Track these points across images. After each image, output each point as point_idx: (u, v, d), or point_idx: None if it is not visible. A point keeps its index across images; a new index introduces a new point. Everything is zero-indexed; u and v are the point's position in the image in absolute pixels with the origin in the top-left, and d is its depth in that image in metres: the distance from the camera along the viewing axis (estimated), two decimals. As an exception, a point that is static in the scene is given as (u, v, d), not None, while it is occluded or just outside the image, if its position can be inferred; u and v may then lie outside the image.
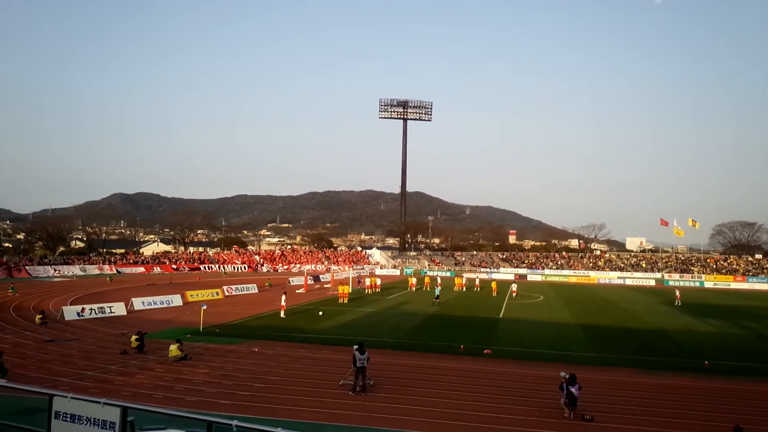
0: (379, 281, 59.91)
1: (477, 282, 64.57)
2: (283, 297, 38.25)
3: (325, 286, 63.29)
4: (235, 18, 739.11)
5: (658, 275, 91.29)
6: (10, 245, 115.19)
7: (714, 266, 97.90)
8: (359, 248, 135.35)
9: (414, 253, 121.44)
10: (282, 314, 36.31)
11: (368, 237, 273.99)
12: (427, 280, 64.20)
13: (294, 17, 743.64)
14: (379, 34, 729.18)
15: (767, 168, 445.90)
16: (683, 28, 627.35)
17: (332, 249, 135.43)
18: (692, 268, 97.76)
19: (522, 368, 22.53)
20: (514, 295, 54.50)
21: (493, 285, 58.88)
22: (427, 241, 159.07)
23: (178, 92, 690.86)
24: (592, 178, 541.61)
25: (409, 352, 25.53)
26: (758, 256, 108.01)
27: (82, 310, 34.17)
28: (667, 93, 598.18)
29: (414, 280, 64.76)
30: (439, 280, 60.27)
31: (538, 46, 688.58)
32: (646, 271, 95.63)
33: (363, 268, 78.43)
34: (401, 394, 17.73)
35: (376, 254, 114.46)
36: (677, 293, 53.51)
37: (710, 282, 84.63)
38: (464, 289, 61.30)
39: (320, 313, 38.08)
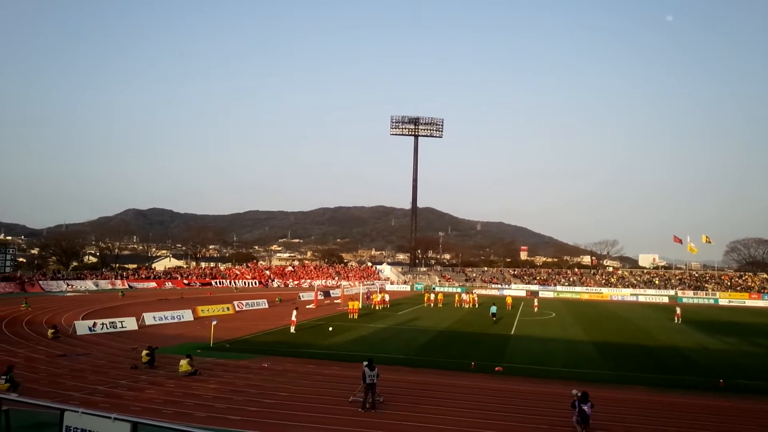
0: (387, 297, 59.81)
1: (475, 298, 63.42)
2: (294, 312, 38.29)
3: (335, 301, 63.20)
4: (249, 37, 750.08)
5: (672, 292, 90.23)
6: (24, 260, 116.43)
7: (728, 283, 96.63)
8: (370, 264, 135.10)
9: (424, 269, 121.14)
10: (292, 329, 36.31)
11: (379, 252, 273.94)
12: (440, 296, 64.23)
13: (305, 35, 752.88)
14: (392, 51, 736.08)
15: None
16: (696, 43, 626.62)
17: (343, 264, 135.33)
18: (706, 285, 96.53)
19: (534, 386, 22.30)
20: (536, 309, 56.34)
21: (508, 300, 60.48)
22: (438, 256, 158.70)
23: (193, 109, 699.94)
24: (604, 195, 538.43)
25: (420, 369, 25.40)
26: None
27: (94, 324, 34.32)
28: (680, 109, 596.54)
29: (431, 296, 63.73)
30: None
31: (550, 63, 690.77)
32: (659, 288, 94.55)
33: (373, 284, 78.28)
34: (411, 412, 17.60)
35: (386, 270, 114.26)
36: (677, 310, 51.97)
37: (725, 299, 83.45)
38: (477, 305, 60.48)
39: (330, 328, 38.02)
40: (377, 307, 55.08)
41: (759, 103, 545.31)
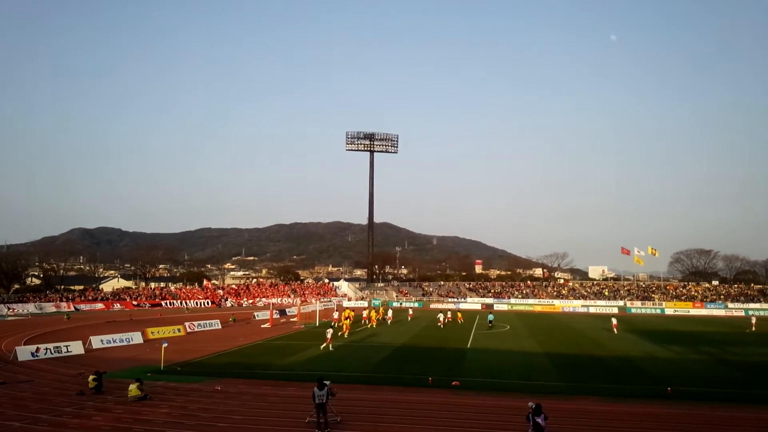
0: (390, 313, 60.16)
1: (389, 315, 59.81)
2: (330, 331, 38.55)
3: (291, 320, 62.36)
4: (198, 50, 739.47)
5: (621, 303, 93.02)
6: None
7: (674, 293, 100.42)
8: (327, 280, 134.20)
9: (382, 284, 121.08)
10: (329, 347, 37.11)
11: (336, 269, 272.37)
12: (373, 314, 58.24)
13: (257, 49, 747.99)
14: (346, 67, 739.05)
15: (722, 196, 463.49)
16: (640, 60, 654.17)
17: (299, 282, 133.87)
18: (653, 295, 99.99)
19: (490, 399, 22.48)
20: (460, 321, 58.68)
21: (459, 315, 60.82)
22: (395, 271, 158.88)
23: (139, 126, 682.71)
24: (554, 208, 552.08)
25: (378, 386, 25.26)
26: (715, 282, 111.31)
27: (37, 349, 32.86)
28: (626, 123, 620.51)
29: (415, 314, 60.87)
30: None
31: (502, 79, 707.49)
32: (609, 299, 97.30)
33: (330, 301, 77.68)
34: (369, 431, 17.48)
35: (343, 286, 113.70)
36: (614, 321, 52.14)
37: (671, 309, 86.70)
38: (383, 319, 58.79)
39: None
40: (372, 325, 53.93)
41: (703, 120, 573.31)
